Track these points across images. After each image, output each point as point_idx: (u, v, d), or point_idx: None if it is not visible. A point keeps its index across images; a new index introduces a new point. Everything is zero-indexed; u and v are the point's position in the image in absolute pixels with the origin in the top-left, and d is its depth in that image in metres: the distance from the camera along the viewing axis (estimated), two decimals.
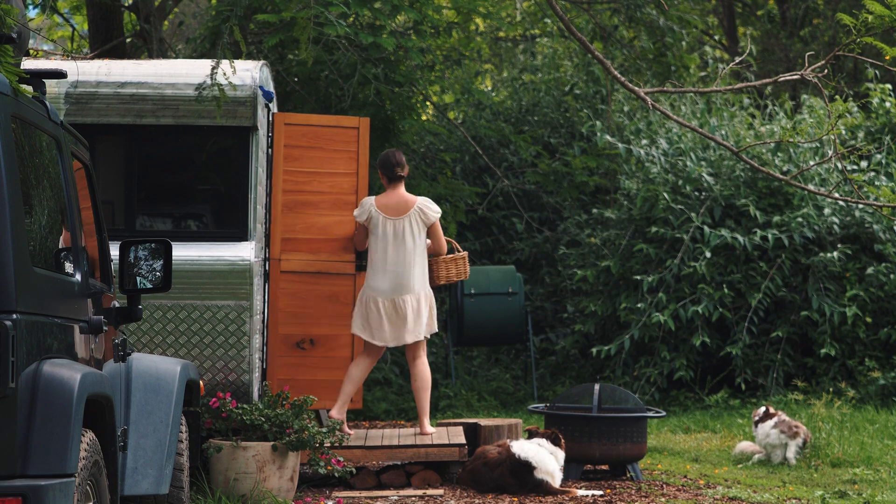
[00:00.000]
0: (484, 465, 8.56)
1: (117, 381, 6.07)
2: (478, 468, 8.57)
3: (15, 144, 4.68)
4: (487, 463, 8.56)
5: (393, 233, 9.08)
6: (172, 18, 18.80)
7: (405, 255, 9.08)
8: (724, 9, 22.65)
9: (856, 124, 14.80)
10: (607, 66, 10.56)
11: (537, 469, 8.43)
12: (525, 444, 8.57)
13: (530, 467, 8.44)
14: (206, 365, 8.21)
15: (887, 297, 13.13)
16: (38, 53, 14.04)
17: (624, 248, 13.85)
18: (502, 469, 8.47)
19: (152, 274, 6.09)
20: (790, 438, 9.82)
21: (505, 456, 8.51)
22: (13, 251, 4.54)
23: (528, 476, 8.43)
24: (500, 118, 17.31)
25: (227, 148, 8.55)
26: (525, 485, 8.44)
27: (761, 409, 10.01)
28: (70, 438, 4.59)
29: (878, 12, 9.95)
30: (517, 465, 8.44)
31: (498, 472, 8.47)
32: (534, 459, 8.46)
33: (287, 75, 13.78)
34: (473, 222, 16.62)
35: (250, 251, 8.30)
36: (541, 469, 8.44)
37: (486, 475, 8.51)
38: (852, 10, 17.10)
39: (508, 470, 8.45)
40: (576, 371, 14.44)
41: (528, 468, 8.43)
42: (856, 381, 12.82)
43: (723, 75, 12.97)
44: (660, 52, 15.44)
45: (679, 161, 14.05)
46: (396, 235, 9.09)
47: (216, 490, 7.92)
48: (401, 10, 12.83)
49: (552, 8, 8.57)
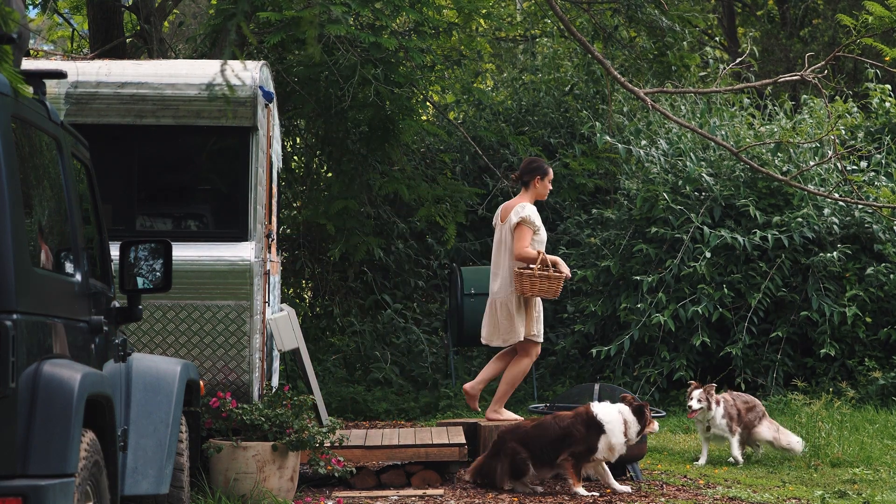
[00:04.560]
0: (555, 418, 8.57)
1: (117, 381, 6.08)
2: (546, 422, 8.54)
3: (15, 144, 4.68)
4: (558, 417, 8.57)
5: (496, 237, 9.38)
6: (173, 19, 18.80)
7: (496, 259, 9.32)
8: (724, 9, 22.65)
9: (856, 124, 14.80)
10: (607, 67, 10.56)
11: (605, 435, 8.47)
12: (607, 407, 8.59)
13: (601, 430, 8.47)
14: (206, 365, 8.21)
15: (887, 297, 13.13)
16: (38, 53, 14.04)
17: (624, 249, 13.85)
18: (576, 420, 8.46)
19: (152, 274, 6.10)
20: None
21: (583, 410, 8.54)
22: (13, 251, 4.54)
23: (595, 436, 8.45)
24: (499, 118, 17.30)
25: (228, 148, 8.55)
26: (588, 442, 8.43)
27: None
28: (70, 438, 4.60)
29: (877, 13, 9.96)
30: (591, 421, 8.46)
31: (569, 422, 8.46)
32: (607, 425, 8.48)
33: (287, 75, 13.78)
34: (473, 222, 16.61)
35: (250, 251, 8.30)
36: (606, 437, 8.47)
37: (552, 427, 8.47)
38: (852, 11, 17.10)
39: (582, 421, 8.46)
40: (576, 371, 14.44)
41: (600, 429, 8.46)
42: (856, 381, 12.82)
43: (723, 76, 12.98)
44: (660, 52, 15.44)
45: (679, 161, 14.05)
46: (495, 240, 9.39)
47: (216, 490, 7.92)
48: (402, 11, 12.84)
49: (552, 8, 8.59)
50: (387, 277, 16.18)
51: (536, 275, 9.05)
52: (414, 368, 14.70)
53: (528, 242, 9.16)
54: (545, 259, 9.10)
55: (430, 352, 15.02)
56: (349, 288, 16.02)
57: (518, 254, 9.16)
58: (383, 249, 15.58)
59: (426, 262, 16.47)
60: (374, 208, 15.88)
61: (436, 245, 16.43)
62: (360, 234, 14.25)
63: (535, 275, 9.04)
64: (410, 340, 15.18)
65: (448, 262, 16.38)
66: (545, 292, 9.15)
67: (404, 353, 15.07)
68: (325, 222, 14.18)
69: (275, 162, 9.79)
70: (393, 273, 16.19)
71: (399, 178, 14.48)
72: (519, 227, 9.20)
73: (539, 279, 9.06)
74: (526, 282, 9.08)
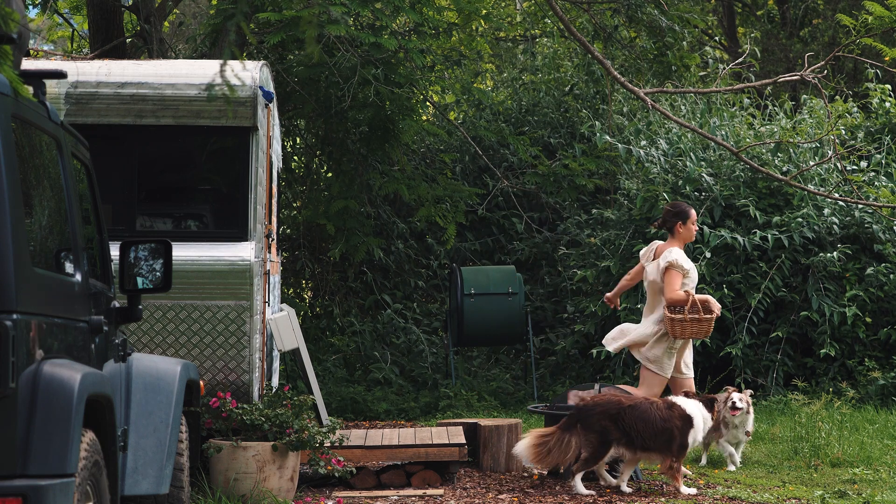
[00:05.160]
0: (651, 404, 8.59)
1: (117, 381, 6.08)
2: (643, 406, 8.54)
3: (15, 144, 4.68)
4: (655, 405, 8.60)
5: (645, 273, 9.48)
6: (173, 19, 18.80)
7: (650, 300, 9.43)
8: (724, 9, 22.66)
9: (856, 124, 14.80)
10: (607, 67, 10.56)
11: (692, 430, 8.58)
12: (687, 402, 8.69)
13: (690, 425, 8.57)
14: (206, 365, 8.21)
15: (887, 298, 13.13)
16: (38, 53, 14.05)
17: (624, 249, 13.84)
18: (672, 413, 8.53)
19: (152, 274, 6.09)
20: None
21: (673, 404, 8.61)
22: (13, 251, 4.54)
23: (686, 431, 8.54)
24: (499, 118, 17.31)
25: (228, 148, 8.55)
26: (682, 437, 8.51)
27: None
28: (70, 438, 4.59)
29: (877, 13, 9.96)
30: (684, 416, 8.56)
31: (667, 414, 8.52)
32: (695, 420, 8.60)
33: (287, 75, 13.78)
34: (473, 222, 16.62)
35: (250, 251, 8.30)
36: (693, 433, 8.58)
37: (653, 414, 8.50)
38: (852, 11, 17.11)
39: (679, 416, 8.54)
40: (576, 371, 14.44)
41: (690, 423, 8.56)
42: (855, 381, 12.82)
43: (723, 76, 12.97)
44: (660, 52, 15.43)
45: (679, 161, 14.05)
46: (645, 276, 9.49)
47: (216, 490, 7.92)
48: (402, 11, 12.84)
49: (552, 8, 8.59)
50: (387, 277, 16.18)
51: (688, 319, 9.08)
52: (414, 368, 14.70)
53: (678, 286, 9.21)
54: (694, 301, 9.14)
55: (430, 352, 15.02)
56: (349, 288, 16.02)
57: (669, 298, 9.21)
58: (383, 249, 15.58)
59: (426, 262, 16.47)
60: (374, 208, 15.88)
61: (436, 245, 16.43)
62: (360, 235, 14.25)
63: (686, 319, 9.08)
64: (410, 340, 15.18)
65: (448, 262, 16.38)
66: (696, 334, 9.22)
67: (404, 353, 15.07)
68: (325, 222, 14.18)
69: (275, 162, 9.78)
70: (393, 273, 16.19)
71: (399, 178, 14.48)
72: (668, 272, 9.25)
73: (690, 322, 9.10)
74: (677, 326, 9.14)
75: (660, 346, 9.25)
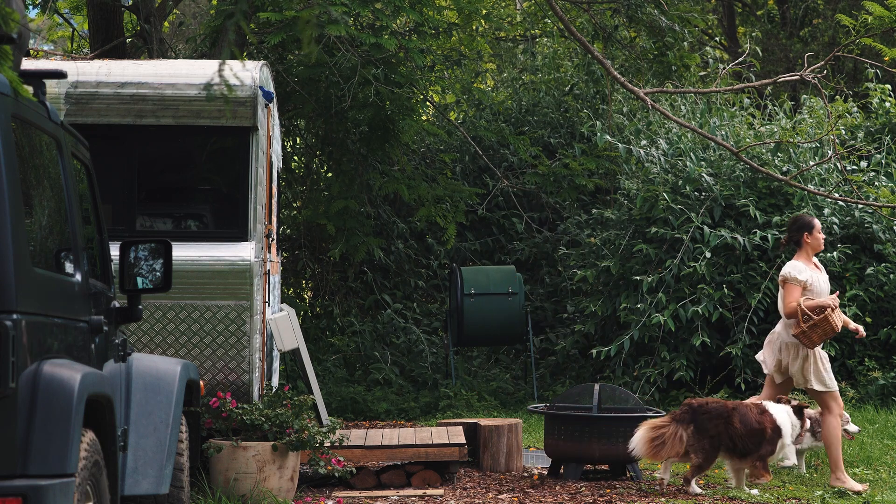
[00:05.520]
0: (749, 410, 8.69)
1: (117, 381, 6.08)
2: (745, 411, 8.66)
3: (15, 144, 4.68)
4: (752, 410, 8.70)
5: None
6: (173, 19, 18.80)
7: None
8: (724, 9, 22.66)
9: (856, 124, 14.80)
10: (607, 67, 10.57)
11: (781, 438, 8.71)
12: (778, 408, 8.80)
13: (779, 433, 8.70)
14: (206, 365, 8.21)
15: (887, 297, 13.13)
16: (38, 53, 14.05)
17: (624, 249, 13.84)
18: (765, 419, 8.65)
19: (152, 274, 6.09)
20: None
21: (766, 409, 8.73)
22: (13, 251, 4.54)
23: (776, 438, 8.67)
24: (499, 118, 17.31)
25: (228, 148, 8.54)
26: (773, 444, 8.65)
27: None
28: (70, 438, 4.59)
29: (877, 13, 9.96)
30: (774, 424, 8.69)
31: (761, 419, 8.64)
32: (784, 431, 8.72)
33: (287, 75, 13.78)
34: (473, 222, 16.62)
35: (250, 251, 8.30)
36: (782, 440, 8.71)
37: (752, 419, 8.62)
38: (852, 11, 17.11)
39: (771, 422, 8.66)
40: (576, 371, 14.44)
41: (779, 432, 8.69)
42: (856, 381, 12.82)
43: (723, 75, 12.97)
44: (660, 52, 15.43)
45: (679, 161, 14.05)
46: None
47: (216, 490, 7.92)
48: (402, 12, 12.84)
49: (552, 8, 8.59)
50: (387, 277, 16.18)
51: (806, 329, 9.00)
52: (414, 368, 14.70)
53: (795, 299, 9.05)
54: (804, 310, 8.99)
55: (430, 352, 15.02)
56: (349, 288, 16.02)
57: (784, 312, 9.13)
58: (383, 249, 15.58)
59: (426, 262, 16.48)
60: (374, 208, 15.88)
61: (436, 245, 16.44)
62: (360, 235, 14.25)
63: (804, 329, 9.00)
64: (410, 340, 15.18)
65: (448, 262, 16.38)
66: (824, 336, 9.04)
67: (404, 353, 15.07)
68: (325, 222, 14.18)
69: (275, 162, 9.78)
70: (393, 273, 16.19)
71: (399, 178, 14.48)
72: (785, 285, 9.16)
73: (810, 330, 9.00)
74: (804, 339, 9.03)
75: (808, 367, 9.08)
